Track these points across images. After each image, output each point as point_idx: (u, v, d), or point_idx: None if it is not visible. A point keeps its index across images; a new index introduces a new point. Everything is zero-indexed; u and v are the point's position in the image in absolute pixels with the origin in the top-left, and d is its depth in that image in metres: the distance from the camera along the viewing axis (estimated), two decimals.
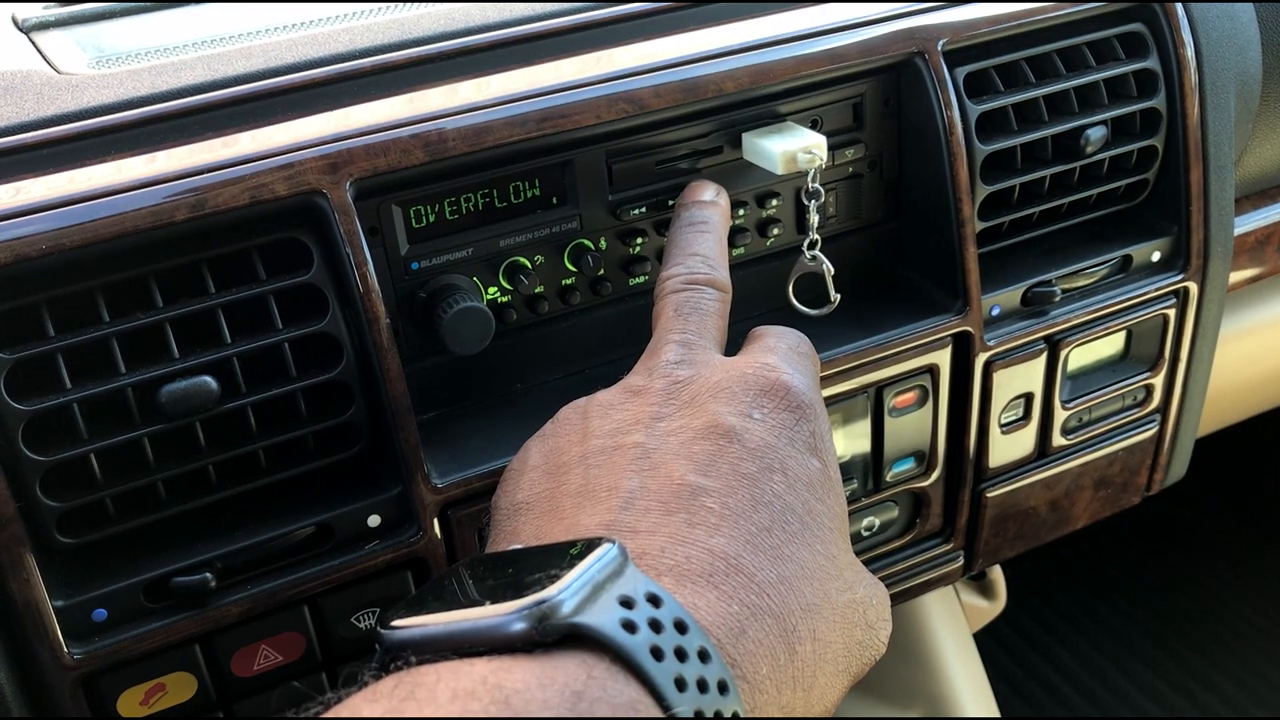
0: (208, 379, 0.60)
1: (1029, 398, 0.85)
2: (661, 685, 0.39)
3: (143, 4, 0.83)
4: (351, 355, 0.63)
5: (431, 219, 0.67)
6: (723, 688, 0.42)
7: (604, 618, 0.40)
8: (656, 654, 0.40)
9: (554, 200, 0.70)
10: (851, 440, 0.79)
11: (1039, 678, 1.65)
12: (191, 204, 0.59)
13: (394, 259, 0.66)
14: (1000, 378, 0.82)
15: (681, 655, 0.41)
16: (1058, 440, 0.89)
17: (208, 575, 0.62)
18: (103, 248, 0.58)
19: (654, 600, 0.42)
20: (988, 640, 1.38)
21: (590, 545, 0.44)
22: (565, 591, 0.41)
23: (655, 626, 0.41)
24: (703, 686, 0.41)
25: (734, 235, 0.75)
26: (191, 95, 0.65)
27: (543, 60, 0.70)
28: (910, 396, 0.80)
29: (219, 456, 0.62)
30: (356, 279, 0.62)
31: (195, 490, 0.63)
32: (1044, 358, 0.84)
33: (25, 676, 0.61)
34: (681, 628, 0.42)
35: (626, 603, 0.41)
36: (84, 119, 0.63)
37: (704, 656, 0.42)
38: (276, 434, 0.63)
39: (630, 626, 0.40)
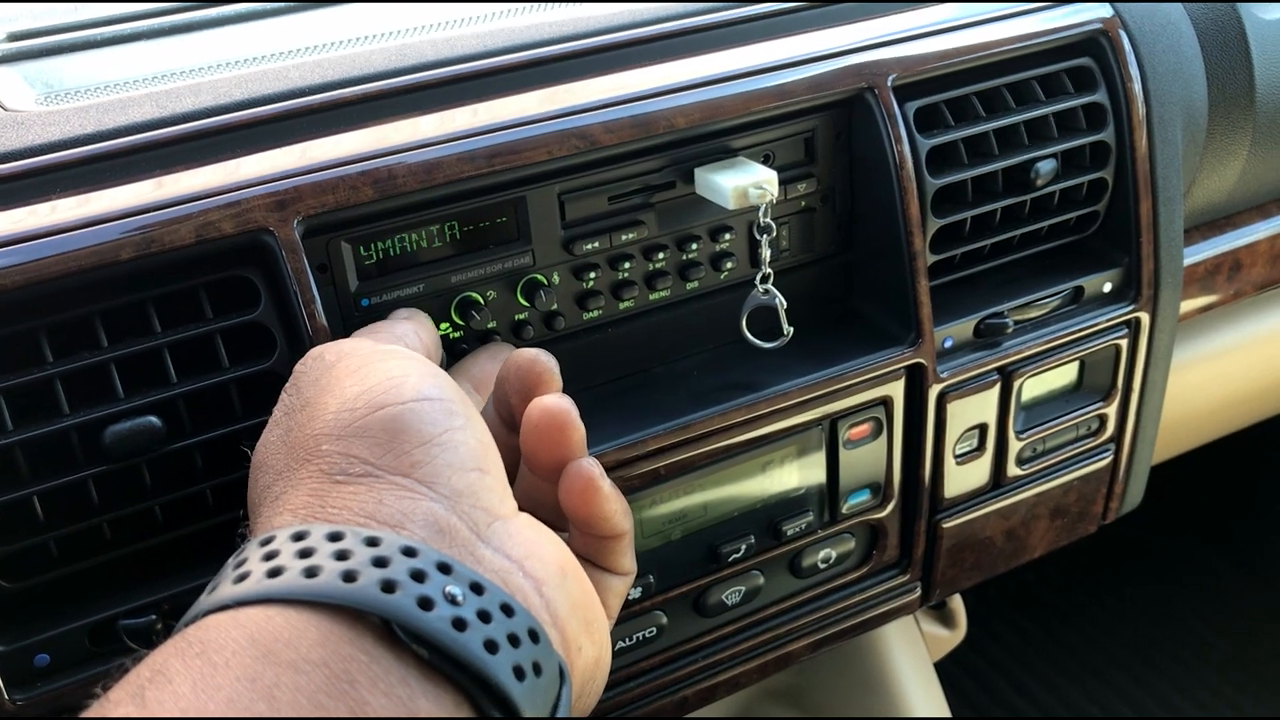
0: (153, 419, 0.59)
1: (983, 429, 0.86)
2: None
3: (99, 36, 0.83)
4: None
5: (382, 255, 0.67)
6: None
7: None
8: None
9: (506, 236, 0.70)
10: (807, 472, 0.79)
11: (1004, 703, 1.65)
12: (137, 242, 0.59)
13: (344, 296, 0.66)
14: (954, 409, 0.83)
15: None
16: (1013, 470, 0.89)
17: (154, 617, 0.61)
18: (46, 287, 0.57)
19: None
20: (953, 667, 1.38)
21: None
22: None
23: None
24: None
25: (688, 269, 0.76)
26: (139, 132, 0.65)
27: (494, 96, 0.70)
28: (864, 428, 0.80)
29: (165, 497, 0.61)
30: (304, 317, 0.61)
31: (142, 532, 0.62)
32: (997, 389, 0.84)
33: None
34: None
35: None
36: (29, 157, 0.63)
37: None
38: (224, 474, 0.62)
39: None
